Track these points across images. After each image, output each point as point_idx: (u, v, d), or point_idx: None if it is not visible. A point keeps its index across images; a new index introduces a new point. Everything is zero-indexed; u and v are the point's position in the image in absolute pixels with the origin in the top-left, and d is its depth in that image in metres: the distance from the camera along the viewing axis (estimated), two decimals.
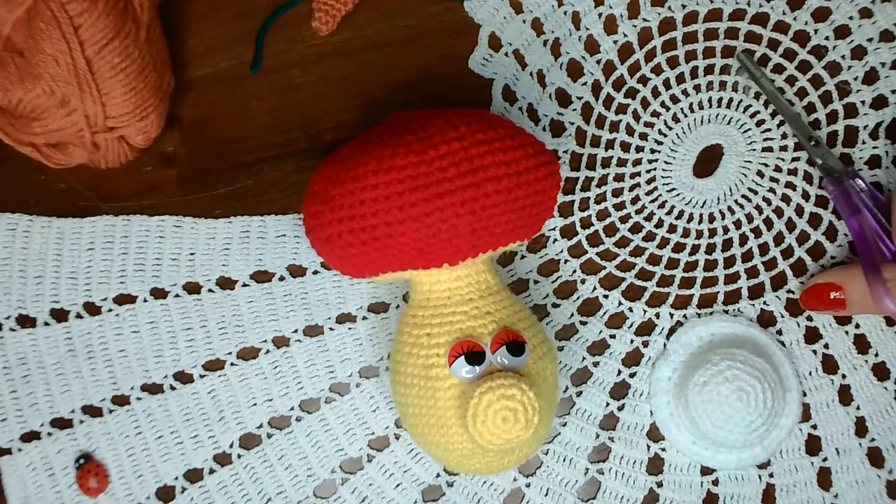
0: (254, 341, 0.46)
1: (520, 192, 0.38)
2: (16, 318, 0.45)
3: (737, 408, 0.42)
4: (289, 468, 0.45)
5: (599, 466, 0.45)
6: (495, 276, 0.41)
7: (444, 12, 0.48)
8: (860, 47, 0.47)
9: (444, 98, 0.47)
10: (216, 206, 0.46)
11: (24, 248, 0.46)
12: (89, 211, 0.46)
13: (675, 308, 0.46)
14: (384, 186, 0.37)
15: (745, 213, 0.46)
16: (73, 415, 0.45)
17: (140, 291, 0.46)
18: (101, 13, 0.40)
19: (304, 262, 0.46)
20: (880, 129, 0.46)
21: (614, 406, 0.45)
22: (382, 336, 0.46)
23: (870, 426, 0.45)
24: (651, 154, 0.47)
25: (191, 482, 0.45)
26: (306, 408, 0.46)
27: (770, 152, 0.47)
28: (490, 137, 0.38)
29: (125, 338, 0.45)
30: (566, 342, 0.46)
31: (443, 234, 0.37)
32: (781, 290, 0.46)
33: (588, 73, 0.47)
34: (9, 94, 0.41)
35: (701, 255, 0.46)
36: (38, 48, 0.40)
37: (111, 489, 0.45)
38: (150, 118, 0.43)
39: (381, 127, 0.41)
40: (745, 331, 0.45)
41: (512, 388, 0.37)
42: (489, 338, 0.39)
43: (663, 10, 0.47)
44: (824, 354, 0.45)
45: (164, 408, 0.45)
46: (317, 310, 0.46)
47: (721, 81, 0.47)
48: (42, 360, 0.45)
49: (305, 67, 0.47)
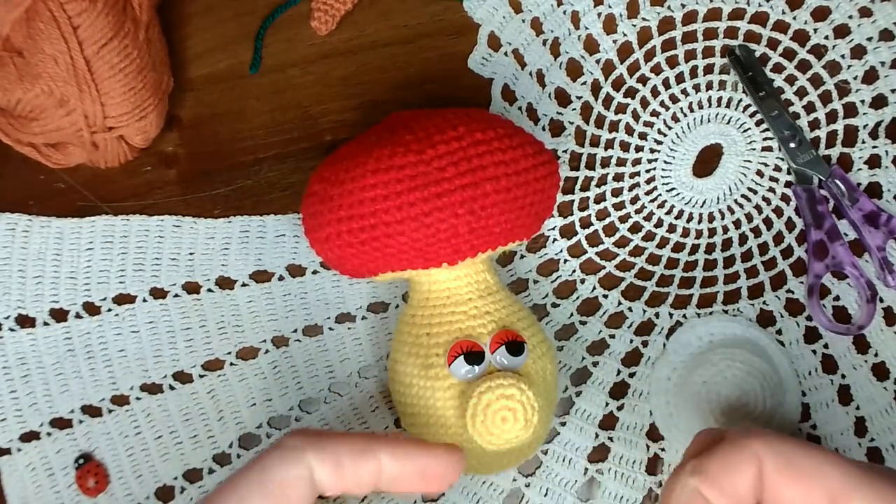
0: (253, 341, 0.46)
1: (519, 191, 0.38)
2: (15, 318, 0.45)
3: (736, 408, 0.42)
4: None
5: (599, 466, 0.45)
6: (494, 276, 0.41)
7: (443, 12, 0.48)
8: (860, 46, 0.47)
9: (444, 98, 0.47)
10: (215, 206, 0.46)
11: (24, 247, 0.46)
12: (88, 211, 0.46)
13: (674, 308, 0.46)
14: (383, 186, 0.37)
15: (744, 212, 0.46)
16: (73, 415, 0.45)
17: (139, 291, 0.46)
18: (100, 13, 0.40)
19: (303, 261, 0.46)
20: (880, 129, 0.46)
21: (614, 406, 0.45)
22: (382, 336, 0.46)
23: (869, 426, 0.45)
24: (650, 154, 0.47)
25: (190, 482, 0.45)
26: (306, 408, 0.46)
27: (770, 152, 0.47)
28: (489, 137, 0.38)
29: (124, 338, 0.45)
30: (566, 342, 0.46)
31: (442, 233, 0.37)
32: (781, 290, 0.46)
33: (587, 73, 0.47)
34: (8, 93, 0.41)
35: (700, 254, 0.46)
36: (37, 48, 0.40)
37: (110, 489, 0.45)
38: (149, 118, 0.43)
39: (380, 127, 0.41)
40: (744, 331, 0.45)
41: (511, 388, 0.37)
42: (488, 337, 0.39)
43: (663, 10, 0.47)
44: (824, 354, 0.45)
45: (164, 408, 0.45)
46: (316, 310, 0.46)
47: (720, 81, 0.47)
48: (41, 360, 0.45)
49: (305, 67, 0.47)
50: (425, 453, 0.34)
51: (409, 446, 0.33)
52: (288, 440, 0.33)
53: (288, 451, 0.32)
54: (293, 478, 0.32)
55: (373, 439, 0.33)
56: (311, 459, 0.32)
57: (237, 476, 0.32)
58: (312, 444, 0.32)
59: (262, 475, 0.32)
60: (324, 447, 0.32)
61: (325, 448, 0.32)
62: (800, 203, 0.46)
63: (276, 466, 0.32)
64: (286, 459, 0.32)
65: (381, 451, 0.33)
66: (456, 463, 0.34)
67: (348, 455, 0.32)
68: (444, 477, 0.34)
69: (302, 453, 0.32)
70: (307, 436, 0.33)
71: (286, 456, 0.32)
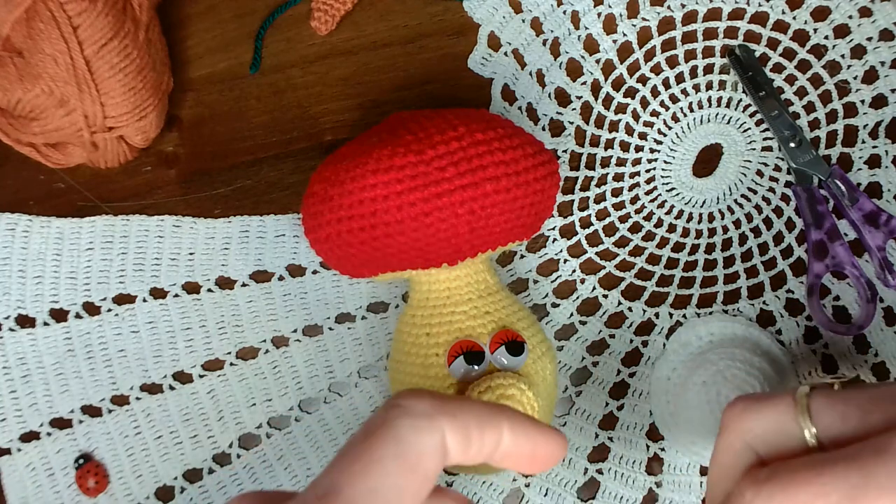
0: (253, 341, 0.46)
1: (519, 191, 0.38)
2: (15, 318, 0.45)
3: None
4: (288, 468, 0.45)
5: (598, 466, 0.45)
6: (494, 276, 0.41)
7: (443, 12, 0.48)
8: (860, 46, 0.47)
9: (444, 98, 0.47)
10: (215, 206, 0.46)
11: (24, 247, 0.46)
12: (88, 211, 0.46)
13: (674, 308, 0.46)
14: (383, 186, 0.37)
15: (744, 212, 0.46)
16: (73, 415, 0.45)
17: (139, 291, 0.46)
18: (100, 13, 0.40)
19: (303, 261, 0.46)
20: (880, 129, 0.46)
21: (614, 406, 0.45)
22: (382, 336, 0.46)
23: None
24: (650, 153, 0.47)
25: (190, 482, 0.45)
26: (305, 408, 0.46)
27: (770, 152, 0.47)
28: (489, 137, 0.38)
29: (124, 338, 0.45)
30: (566, 342, 0.46)
31: (442, 233, 0.37)
32: (781, 290, 0.46)
33: (587, 73, 0.47)
34: (8, 93, 0.41)
35: (700, 254, 0.46)
36: (37, 48, 0.40)
37: (110, 489, 0.45)
38: (149, 118, 0.43)
39: (381, 127, 0.41)
40: (744, 331, 0.45)
41: (511, 388, 0.37)
42: (488, 337, 0.39)
43: (662, 10, 0.47)
44: (824, 354, 0.45)
45: (164, 408, 0.45)
46: (316, 309, 0.46)
47: (721, 81, 0.47)
48: (41, 360, 0.45)
49: (304, 67, 0.47)
50: (540, 433, 0.30)
51: (527, 423, 0.30)
52: (415, 404, 0.28)
53: (419, 418, 0.28)
54: (430, 448, 0.27)
55: (495, 410, 0.30)
56: (445, 427, 0.28)
57: (364, 449, 0.27)
58: (444, 411, 0.28)
59: (398, 447, 0.27)
60: (454, 414, 0.28)
61: (456, 415, 0.28)
62: (800, 203, 0.46)
63: (411, 437, 0.27)
64: (420, 429, 0.27)
65: (504, 424, 0.29)
66: (562, 449, 0.31)
67: (476, 425, 0.29)
68: (550, 460, 0.31)
69: (435, 421, 0.28)
70: (435, 400, 0.28)
71: (419, 424, 0.28)
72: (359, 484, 0.26)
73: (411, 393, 0.29)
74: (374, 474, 0.26)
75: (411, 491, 0.27)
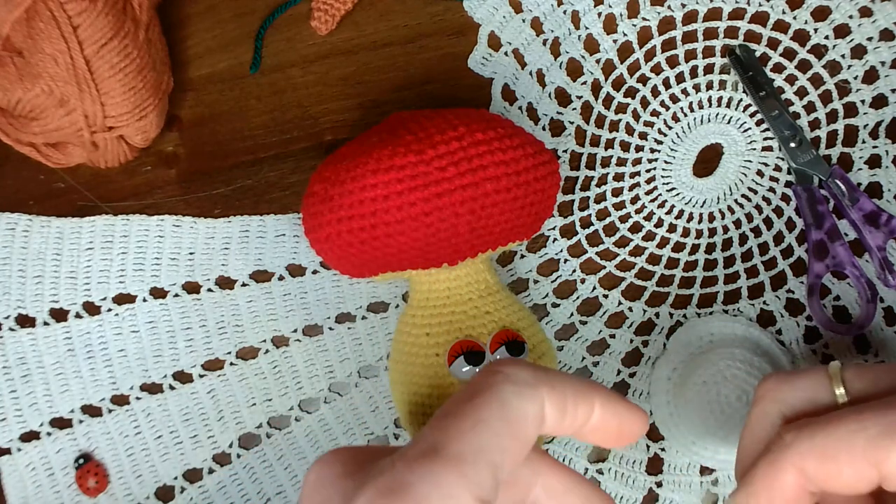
0: (253, 341, 0.46)
1: (519, 191, 0.38)
2: (15, 318, 0.45)
3: (736, 408, 0.42)
4: (288, 468, 0.45)
5: (599, 466, 0.45)
6: (495, 276, 0.41)
7: (443, 12, 0.47)
8: (860, 46, 0.47)
9: (444, 98, 0.47)
10: (215, 206, 0.46)
11: (24, 247, 0.46)
12: (88, 210, 0.46)
13: (674, 308, 0.46)
14: (383, 186, 0.37)
15: (744, 212, 0.46)
16: (73, 414, 0.45)
17: (139, 291, 0.46)
18: (100, 13, 0.40)
19: (303, 261, 0.46)
20: (880, 129, 0.46)
21: None
22: (382, 336, 0.46)
23: None
24: (651, 153, 0.47)
25: (190, 482, 0.45)
26: (306, 408, 0.46)
27: (770, 151, 0.47)
28: (489, 137, 0.38)
29: (124, 337, 0.45)
30: (566, 342, 0.46)
31: (442, 233, 0.37)
32: (781, 290, 0.46)
33: (587, 73, 0.47)
34: (8, 93, 0.41)
35: (701, 254, 0.46)
36: (37, 48, 0.40)
37: (110, 489, 0.45)
38: (149, 118, 0.43)
39: (381, 127, 0.41)
40: (744, 330, 0.45)
41: None
42: (488, 337, 0.39)
43: (663, 10, 0.47)
44: (824, 354, 0.45)
45: (164, 408, 0.45)
46: (316, 309, 0.46)
47: (721, 80, 0.47)
48: (41, 360, 0.45)
49: (305, 67, 0.47)
50: (627, 410, 0.31)
51: (617, 399, 0.31)
52: (517, 371, 0.28)
53: (522, 385, 0.28)
54: (532, 415, 0.28)
55: (589, 384, 0.30)
56: (545, 396, 0.28)
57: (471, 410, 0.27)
58: (545, 381, 0.28)
59: (503, 410, 0.27)
60: (554, 385, 0.29)
61: (555, 386, 0.29)
62: (800, 203, 0.46)
63: (515, 402, 0.28)
64: (523, 395, 0.28)
65: (597, 398, 0.30)
66: (645, 426, 0.32)
67: (572, 397, 0.29)
68: (634, 436, 0.31)
69: (537, 390, 0.28)
70: (537, 370, 0.29)
71: (522, 391, 0.28)
72: (465, 442, 0.26)
73: (513, 362, 0.29)
74: (481, 433, 0.27)
75: (512, 453, 0.27)
